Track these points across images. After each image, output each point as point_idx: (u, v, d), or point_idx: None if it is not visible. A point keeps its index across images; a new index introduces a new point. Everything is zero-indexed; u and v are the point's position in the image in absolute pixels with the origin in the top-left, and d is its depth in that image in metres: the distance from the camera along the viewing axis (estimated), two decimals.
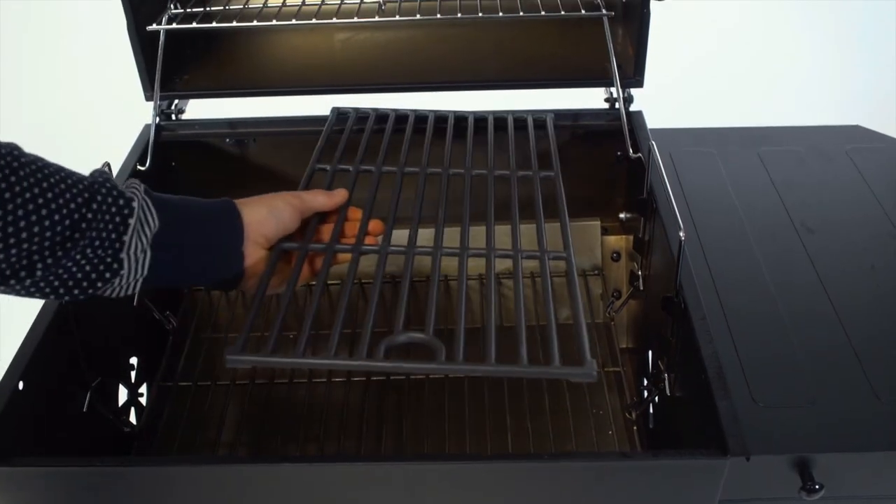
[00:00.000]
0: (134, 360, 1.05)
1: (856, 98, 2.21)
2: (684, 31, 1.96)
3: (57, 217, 0.63)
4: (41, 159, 0.65)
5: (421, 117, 1.06)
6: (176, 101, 1.14)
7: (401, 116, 1.06)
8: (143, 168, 1.06)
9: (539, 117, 1.08)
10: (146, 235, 0.69)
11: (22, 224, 0.61)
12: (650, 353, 1.03)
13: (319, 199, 0.83)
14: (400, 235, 0.82)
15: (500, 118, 1.07)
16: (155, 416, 1.06)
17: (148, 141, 1.09)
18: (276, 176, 1.18)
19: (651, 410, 1.01)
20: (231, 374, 1.11)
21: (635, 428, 1.04)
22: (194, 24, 1.09)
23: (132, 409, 1.04)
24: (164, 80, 1.10)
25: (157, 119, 1.11)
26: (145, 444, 1.02)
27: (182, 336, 1.16)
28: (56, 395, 0.86)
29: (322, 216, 0.85)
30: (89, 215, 0.65)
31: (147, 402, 1.07)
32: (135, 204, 0.69)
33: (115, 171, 0.99)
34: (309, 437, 1.03)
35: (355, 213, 0.86)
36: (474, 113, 1.08)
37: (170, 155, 1.14)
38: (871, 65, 2.30)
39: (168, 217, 0.71)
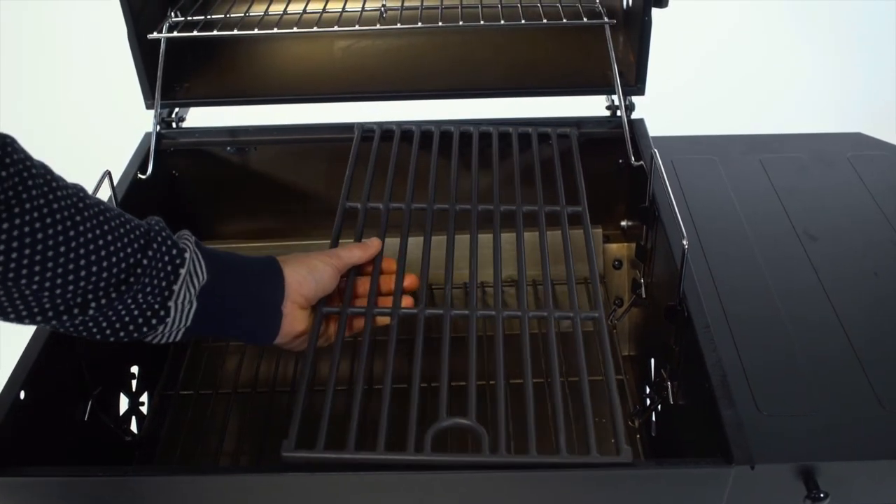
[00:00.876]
0: (135, 369, 1.05)
1: (857, 105, 2.21)
2: (685, 39, 1.96)
3: (114, 259, 0.65)
4: (103, 202, 0.67)
5: (446, 133, 1.06)
6: (176, 110, 1.14)
7: (425, 133, 1.06)
8: (143, 176, 1.06)
9: (563, 132, 1.07)
10: (194, 286, 0.71)
11: (82, 262, 0.63)
12: (652, 361, 1.03)
13: (356, 254, 0.85)
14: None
15: (524, 134, 1.07)
16: (156, 425, 1.06)
17: (149, 149, 1.09)
18: (276, 184, 1.18)
19: (654, 419, 1.01)
20: (232, 382, 1.10)
21: (638, 436, 1.04)
22: (195, 33, 1.09)
23: (133, 419, 1.04)
24: (164, 88, 1.10)
25: (158, 127, 1.11)
26: (147, 454, 1.02)
27: (183, 345, 1.16)
28: (57, 404, 0.86)
29: (358, 268, 0.86)
30: (144, 261, 0.67)
31: (148, 412, 1.07)
32: (187, 255, 0.71)
33: (115, 179, 0.99)
34: None
35: (390, 265, 0.87)
36: (497, 126, 1.07)
37: (170, 163, 1.14)
38: (871, 72, 2.31)
39: (215, 270, 0.73)
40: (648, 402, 1.04)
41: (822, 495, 0.73)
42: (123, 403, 1.01)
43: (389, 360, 0.77)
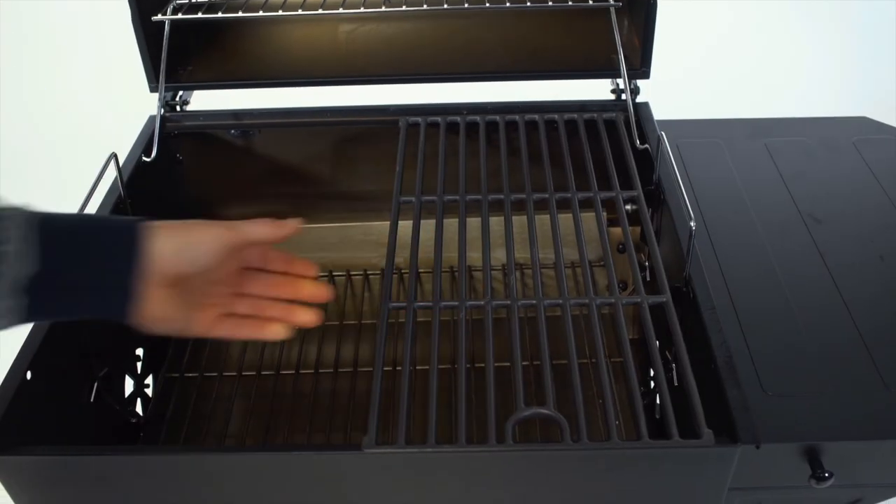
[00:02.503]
0: (140, 351, 1.05)
1: (863, 90, 2.21)
2: (691, 25, 1.96)
3: None
4: None
5: (491, 123, 1.06)
6: (181, 93, 1.14)
7: (471, 124, 1.06)
8: (148, 159, 1.06)
9: (609, 117, 1.07)
10: (16, 284, 0.60)
11: None
12: (657, 342, 1.03)
13: (260, 231, 0.71)
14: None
15: (570, 121, 1.07)
16: (161, 407, 1.06)
17: (153, 132, 1.08)
18: (279, 166, 1.18)
19: (658, 401, 1.01)
20: (237, 365, 1.11)
21: (642, 418, 1.04)
22: (199, 15, 1.09)
23: (138, 401, 1.04)
24: (168, 71, 1.10)
25: (162, 110, 1.11)
26: (152, 435, 1.02)
27: None
28: (63, 385, 0.86)
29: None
30: None
31: (153, 394, 1.07)
32: (9, 247, 0.59)
33: (121, 162, 0.99)
34: (316, 428, 1.03)
35: (301, 267, 0.76)
36: (542, 112, 1.07)
37: (174, 146, 1.14)
38: (877, 57, 2.30)
39: (51, 252, 0.61)
40: (653, 384, 1.04)
41: (826, 475, 0.74)
42: (129, 385, 1.02)
43: (461, 351, 0.77)
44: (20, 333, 0.82)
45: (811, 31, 2.36)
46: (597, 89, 1.15)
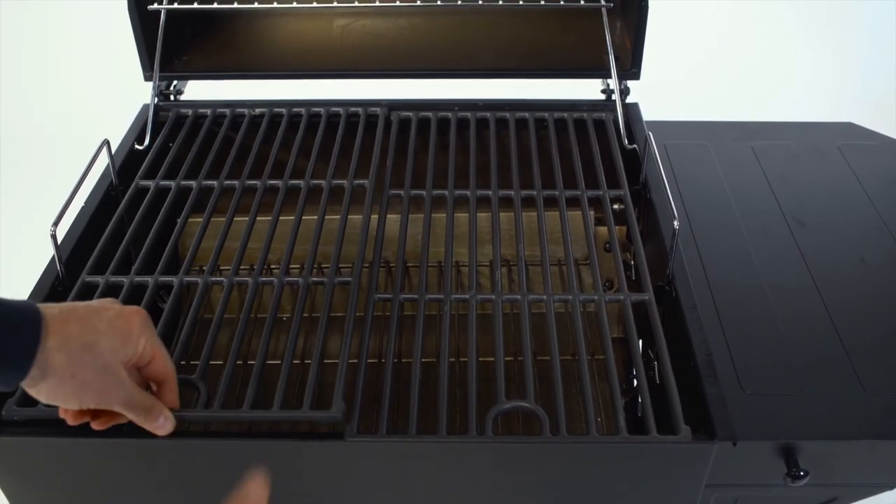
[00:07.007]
0: None
1: (853, 96, 2.23)
2: (682, 26, 1.97)
3: None
4: None
5: (482, 120, 1.08)
6: (175, 82, 1.15)
7: (461, 120, 1.08)
8: (140, 147, 1.06)
9: (598, 117, 1.08)
10: None
11: None
12: (640, 341, 1.04)
13: (159, 372, 0.73)
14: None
15: (559, 120, 1.08)
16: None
17: (146, 120, 1.09)
18: (268, 158, 1.18)
19: (639, 399, 1.02)
20: (224, 355, 1.11)
21: (621, 413, 1.05)
22: (195, 5, 1.10)
23: None
24: (163, 60, 1.10)
25: (156, 99, 1.11)
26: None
27: (174, 316, 1.16)
28: None
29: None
30: None
31: None
32: None
33: (114, 149, 0.99)
34: None
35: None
36: (532, 111, 1.09)
37: (167, 134, 1.14)
38: (869, 63, 2.32)
39: None
40: (634, 382, 1.05)
41: (801, 473, 0.75)
42: None
43: (444, 343, 0.79)
44: None
45: (804, 34, 2.38)
46: (588, 89, 1.16)
